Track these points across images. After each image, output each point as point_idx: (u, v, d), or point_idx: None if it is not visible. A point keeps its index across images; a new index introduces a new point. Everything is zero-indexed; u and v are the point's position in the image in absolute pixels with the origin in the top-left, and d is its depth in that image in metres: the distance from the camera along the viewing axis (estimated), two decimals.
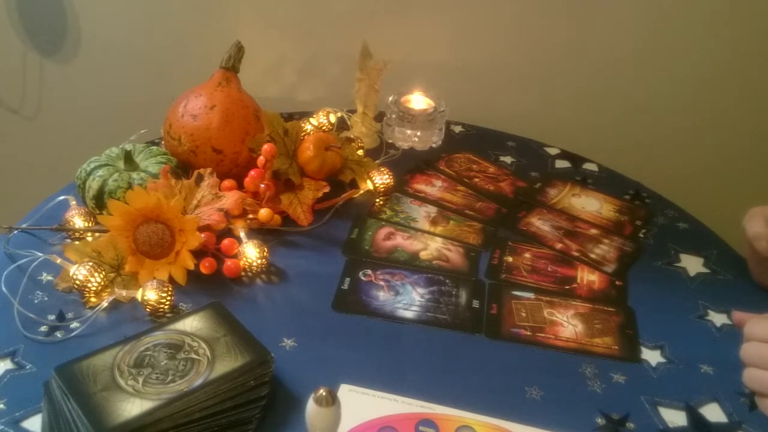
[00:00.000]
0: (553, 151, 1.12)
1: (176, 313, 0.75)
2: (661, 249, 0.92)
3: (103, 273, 0.77)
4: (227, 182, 0.90)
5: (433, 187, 1.00)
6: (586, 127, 1.23)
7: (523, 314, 0.79)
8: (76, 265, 0.76)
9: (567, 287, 0.84)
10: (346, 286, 0.82)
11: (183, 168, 0.89)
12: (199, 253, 0.80)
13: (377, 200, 0.96)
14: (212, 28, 1.23)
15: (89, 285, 0.76)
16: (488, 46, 1.22)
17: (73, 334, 0.72)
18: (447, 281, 0.83)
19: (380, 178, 0.96)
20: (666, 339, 0.77)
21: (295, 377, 0.69)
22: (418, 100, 1.10)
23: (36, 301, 0.76)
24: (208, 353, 0.64)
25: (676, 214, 0.98)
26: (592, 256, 0.89)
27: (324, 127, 1.02)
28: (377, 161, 1.02)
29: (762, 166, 1.26)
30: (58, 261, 0.79)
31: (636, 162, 1.11)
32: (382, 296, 0.80)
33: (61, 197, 0.88)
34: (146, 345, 0.64)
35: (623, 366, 0.74)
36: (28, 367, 0.69)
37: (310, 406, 0.53)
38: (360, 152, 1.01)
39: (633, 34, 1.19)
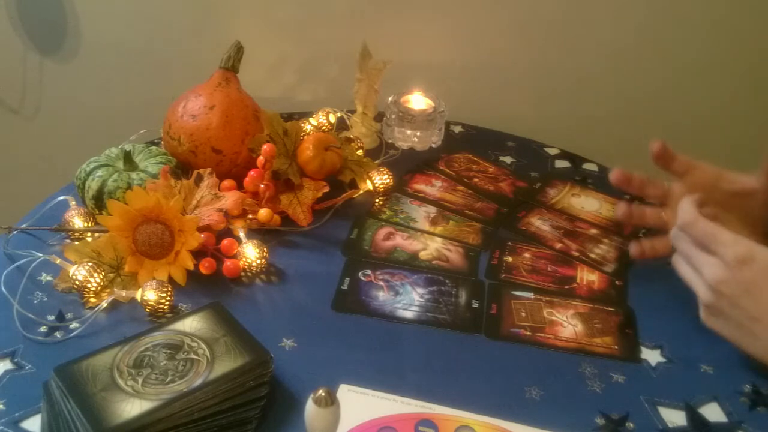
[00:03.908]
0: (552, 151, 1.11)
1: (176, 314, 0.75)
2: None
3: (103, 273, 0.77)
4: (227, 182, 0.90)
5: (433, 187, 1.00)
6: (586, 127, 1.23)
7: (523, 314, 0.79)
8: (76, 266, 0.76)
9: (567, 287, 0.84)
10: (345, 286, 0.81)
11: (182, 168, 0.89)
12: (198, 254, 0.80)
13: (377, 200, 0.96)
14: (212, 28, 1.23)
15: (89, 285, 0.76)
16: (488, 46, 1.22)
17: (72, 334, 0.72)
18: (447, 281, 0.83)
19: (380, 178, 0.96)
20: (666, 339, 0.77)
21: (295, 377, 0.69)
22: (418, 101, 1.10)
23: (35, 302, 0.76)
24: (207, 353, 0.63)
25: None
26: (592, 255, 0.89)
27: (324, 128, 1.01)
28: (377, 161, 1.02)
29: None
30: (58, 261, 0.79)
31: (636, 162, 1.11)
32: (382, 296, 0.80)
33: (61, 197, 0.88)
34: (146, 345, 0.64)
35: (623, 366, 0.74)
36: (27, 367, 0.69)
37: (310, 407, 0.53)
38: (360, 152, 1.01)
39: (633, 33, 1.18)
